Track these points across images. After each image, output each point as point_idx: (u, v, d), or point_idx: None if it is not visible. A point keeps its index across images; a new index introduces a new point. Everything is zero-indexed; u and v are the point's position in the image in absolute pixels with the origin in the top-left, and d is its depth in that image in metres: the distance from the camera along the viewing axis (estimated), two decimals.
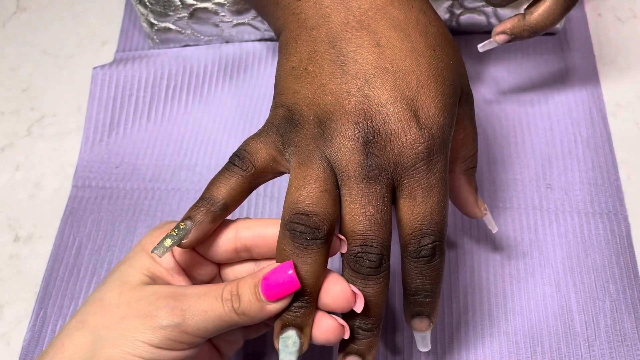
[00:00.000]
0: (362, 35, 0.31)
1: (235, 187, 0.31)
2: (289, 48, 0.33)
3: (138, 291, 0.29)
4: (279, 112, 0.32)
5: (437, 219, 0.30)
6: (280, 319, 0.29)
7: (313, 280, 0.29)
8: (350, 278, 0.30)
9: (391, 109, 0.30)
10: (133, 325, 0.28)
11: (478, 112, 0.47)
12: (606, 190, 0.44)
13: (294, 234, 0.29)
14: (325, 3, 0.32)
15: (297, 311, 0.29)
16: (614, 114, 0.47)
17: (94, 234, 0.44)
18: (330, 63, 0.31)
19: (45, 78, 0.52)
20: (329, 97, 0.31)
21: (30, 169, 0.48)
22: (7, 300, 0.42)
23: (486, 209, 0.37)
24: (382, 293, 0.30)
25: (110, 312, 0.29)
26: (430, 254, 0.30)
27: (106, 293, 0.30)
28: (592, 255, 0.41)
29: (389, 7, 0.32)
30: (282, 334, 0.29)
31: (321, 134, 0.30)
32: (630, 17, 0.52)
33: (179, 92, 0.49)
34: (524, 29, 0.39)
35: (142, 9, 0.48)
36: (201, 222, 0.30)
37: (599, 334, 0.38)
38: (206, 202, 0.31)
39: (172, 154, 0.47)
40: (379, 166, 0.30)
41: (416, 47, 0.31)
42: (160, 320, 0.28)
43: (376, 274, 0.30)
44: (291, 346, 0.29)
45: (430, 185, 0.30)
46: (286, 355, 0.29)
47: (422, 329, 0.32)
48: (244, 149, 0.32)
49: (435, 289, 0.31)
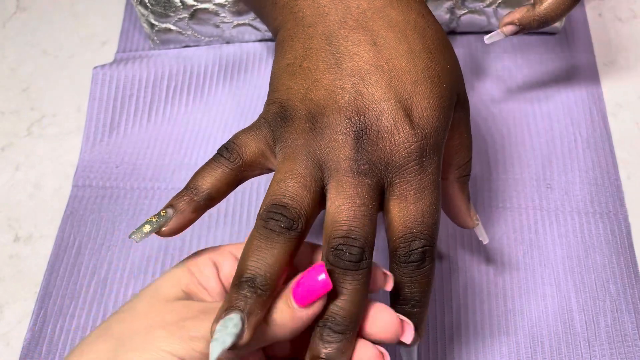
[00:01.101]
0: (359, 33, 0.31)
1: (220, 178, 0.31)
2: (285, 46, 0.33)
3: (170, 304, 0.28)
4: (272, 108, 0.32)
5: (428, 222, 0.29)
6: (225, 302, 0.27)
7: (275, 270, 0.27)
8: (328, 272, 0.28)
9: (385, 106, 0.30)
10: (159, 334, 0.26)
11: (478, 112, 0.47)
12: (606, 190, 0.44)
13: (268, 221, 0.28)
14: (323, 2, 0.32)
15: (248, 295, 0.26)
16: (614, 114, 0.47)
17: (94, 233, 0.44)
18: (325, 60, 0.31)
19: (45, 78, 0.52)
20: (322, 92, 0.30)
21: (30, 169, 0.48)
22: (7, 300, 0.42)
23: (478, 219, 0.36)
24: (360, 292, 0.28)
25: (138, 320, 0.28)
26: (419, 259, 0.29)
27: (138, 303, 0.29)
28: (592, 255, 0.41)
29: (387, 8, 0.32)
30: (225, 316, 0.26)
31: (312, 128, 0.30)
32: (630, 17, 0.52)
33: (179, 93, 0.49)
34: (534, 19, 0.38)
35: (143, 9, 0.48)
36: (182, 211, 0.30)
37: (599, 334, 0.38)
38: (190, 191, 0.30)
39: (172, 153, 0.47)
40: (370, 161, 0.29)
41: (413, 48, 0.31)
42: (190, 330, 0.26)
43: (355, 269, 0.28)
44: (231, 327, 0.25)
45: (423, 186, 0.30)
46: (222, 336, 0.25)
47: (409, 342, 0.30)
48: (233, 141, 0.31)
49: (424, 298, 0.30)
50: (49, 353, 0.39)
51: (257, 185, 0.45)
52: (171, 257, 0.42)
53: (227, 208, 0.44)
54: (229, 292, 0.27)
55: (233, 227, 0.44)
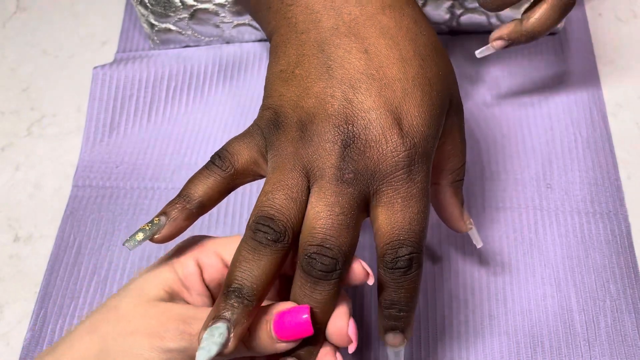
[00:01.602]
0: (350, 41, 0.31)
1: (213, 186, 0.31)
2: (279, 51, 0.33)
3: (152, 306, 0.29)
4: (265, 114, 0.32)
5: (416, 230, 0.30)
6: (213, 311, 0.28)
7: (261, 281, 0.28)
8: (300, 279, 0.29)
9: (374, 115, 0.30)
10: (140, 342, 0.28)
11: (478, 111, 0.47)
12: (606, 190, 0.44)
13: (256, 232, 0.29)
14: (316, 8, 0.32)
15: (235, 305, 0.28)
16: (614, 114, 0.47)
17: (94, 233, 0.44)
18: (317, 67, 0.31)
19: (45, 78, 0.52)
20: (312, 100, 0.31)
21: (30, 169, 0.48)
22: (7, 300, 0.42)
23: (471, 223, 0.36)
24: (329, 301, 0.29)
25: (122, 323, 0.29)
26: (406, 266, 0.29)
27: (122, 301, 0.30)
28: (593, 255, 0.41)
29: (379, 14, 0.32)
30: (212, 324, 0.27)
31: (301, 136, 0.30)
32: (630, 17, 0.52)
33: (179, 92, 0.49)
34: (522, 34, 0.39)
35: (143, 9, 0.48)
36: (175, 218, 0.30)
37: (599, 334, 0.38)
38: (182, 199, 0.31)
39: (172, 153, 0.47)
40: (355, 170, 0.29)
41: (404, 55, 0.31)
42: (168, 342, 0.28)
43: (326, 279, 0.29)
44: (217, 336, 0.27)
45: (410, 194, 0.30)
46: (208, 344, 0.27)
47: (396, 344, 0.31)
48: (226, 149, 0.32)
49: (411, 302, 0.30)
50: None
51: (257, 186, 0.45)
52: None
53: (225, 208, 0.44)
54: (217, 300, 0.28)
55: (226, 228, 0.44)
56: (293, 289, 0.30)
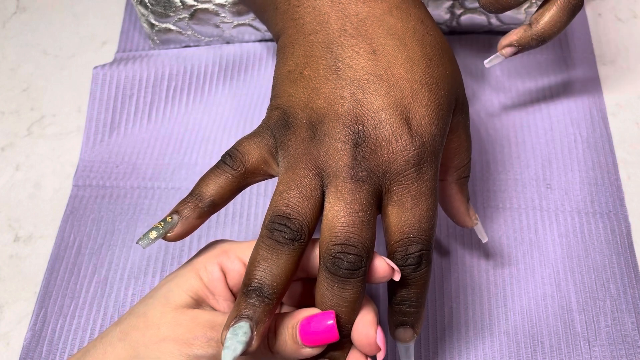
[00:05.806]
0: (358, 42, 0.32)
1: (224, 185, 0.31)
2: (287, 52, 0.33)
3: (180, 313, 0.30)
4: (274, 114, 0.32)
5: (425, 227, 0.30)
6: (234, 310, 0.28)
7: (281, 279, 0.29)
8: (326, 280, 0.29)
9: (383, 115, 0.30)
10: (170, 349, 0.28)
11: (478, 112, 0.47)
12: (606, 190, 0.44)
13: (273, 232, 0.29)
14: (323, 9, 0.33)
15: (256, 304, 0.28)
16: (614, 114, 0.47)
17: (94, 233, 0.44)
18: (325, 68, 0.31)
19: (45, 78, 0.52)
20: (322, 100, 0.31)
21: (30, 169, 0.48)
22: (7, 300, 0.42)
23: (477, 218, 0.37)
24: (357, 299, 0.29)
25: (152, 330, 0.29)
26: (416, 263, 0.30)
27: (150, 309, 0.30)
28: (593, 255, 0.41)
29: (386, 15, 0.32)
30: (234, 324, 0.28)
31: (312, 137, 0.30)
32: (630, 17, 0.52)
33: (179, 92, 0.49)
34: (532, 38, 0.38)
35: (143, 9, 0.48)
36: (187, 217, 0.31)
37: (599, 334, 0.38)
38: (194, 198, 0.31)
39: (173, 153, 0.47)
40: (368, 169, 0.30)
41: (412, 55, 0.32)
42: (196, 349, 0.28)
43: (354, 277, 0.29)
44: (241, 335, 0.27)
45: (420, 193, 0.30)
46: (233, 343, 0.27)
47: (406, 339, 0.32)
48: (236, 148, 0.32)
49: (420, 298, 0.31)
50: (49, 353, 0.39)
51: (258, 187, 0.45)
52: (171, 257, 0.42)
53: (229, 208, 0.44)
54: (237, 299, 0.29)
55: (234, 227, 0.44)
56: (319, 291, 0.30)
